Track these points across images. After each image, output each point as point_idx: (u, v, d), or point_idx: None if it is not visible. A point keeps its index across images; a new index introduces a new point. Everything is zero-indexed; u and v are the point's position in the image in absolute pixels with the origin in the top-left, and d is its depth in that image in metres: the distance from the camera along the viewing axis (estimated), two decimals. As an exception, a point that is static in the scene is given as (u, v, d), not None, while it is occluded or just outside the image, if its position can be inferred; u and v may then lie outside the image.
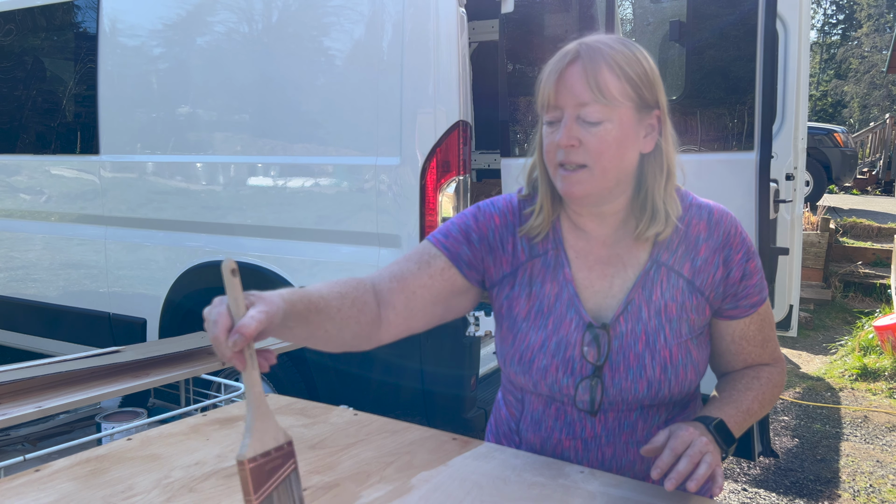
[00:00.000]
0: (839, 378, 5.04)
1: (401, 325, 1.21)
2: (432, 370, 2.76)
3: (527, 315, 1.23)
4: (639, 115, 1.15)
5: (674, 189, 1.20)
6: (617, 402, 1.20)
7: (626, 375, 1.18)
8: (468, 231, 1.26)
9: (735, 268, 1.20)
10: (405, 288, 1.21)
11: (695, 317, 1.20)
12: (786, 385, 4.87)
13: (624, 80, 1.12)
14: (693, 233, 1.21)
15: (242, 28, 3.14)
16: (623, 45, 1.15)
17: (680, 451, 1.05)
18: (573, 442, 1.23)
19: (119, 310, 3.57)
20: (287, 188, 3.05)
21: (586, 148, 1.12)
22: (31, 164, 3.87)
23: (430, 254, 1.25)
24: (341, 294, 1.11)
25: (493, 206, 1.29)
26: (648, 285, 1.20)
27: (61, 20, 3.71)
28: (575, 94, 1.12)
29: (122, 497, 1.10)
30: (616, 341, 1.18)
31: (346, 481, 1.15)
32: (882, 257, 7.73)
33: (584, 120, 1.12)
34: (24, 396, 1.94)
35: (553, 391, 1.22)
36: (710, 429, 1.11)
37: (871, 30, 34.14)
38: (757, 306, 1.24)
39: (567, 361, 1.19)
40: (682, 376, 1.19)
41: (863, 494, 3.35)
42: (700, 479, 1.02)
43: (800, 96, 4.06)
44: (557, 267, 1.23)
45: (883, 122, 15.41)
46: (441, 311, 1.25)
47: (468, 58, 2.74)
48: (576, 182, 1.14)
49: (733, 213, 1.26)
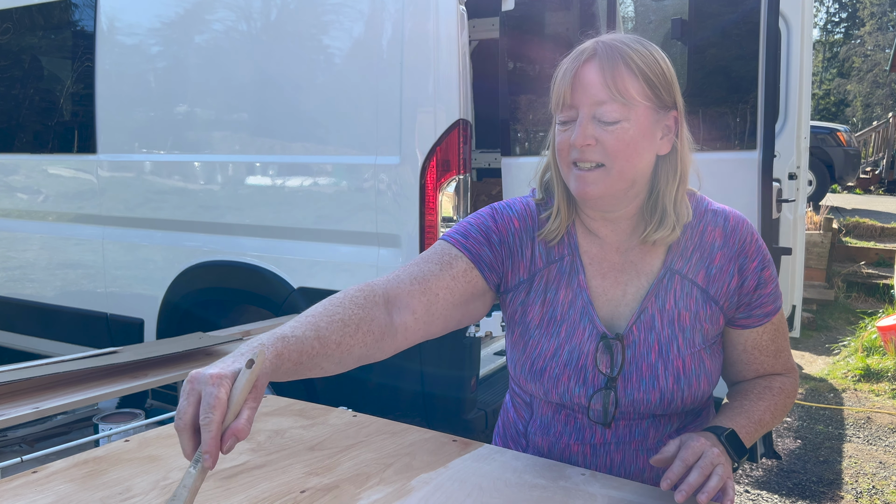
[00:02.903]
0: (842, 379, 5.02)
1: (419, 331, 1.16)
2: (432, 371, 2.75)
3: (540, 322, 1.21)
4: (656, 116, 1.13)
5: (685, 193, 1.18)
6: (628, 412, 1.18)
7: (638, 386, 1.16)
8: (489, 233, 1.22)
9: (750, 277, 1.18)
10: (427, 290, 1.15)
11: (708, 326, 1.19)
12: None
13: (642, 80, 1.10)
14: (708, 240, 1.19)
15: (241, 26, 3.13)
16: (641, 44, 1.13)
17: (691, 462, 1.03)
18: (582, 447, 1.22)
19: (117, 310, 3.56)
20: (286, 187, 3.03)
21: (603, 146, 1.10)
22: (28, 164, 3.86)
23: (450, 255, 1.20)
24: (343, 322, 1.05)
25: (511, 208, 1.25)
26: (662, 294, 1.18)
27: (59, 19, 3.70)
28: (592, 92, 1.10)
29: (120, 498, 1.09)
30: (629, 351, 1.17)
31: (345, 483, 1.14)
32: (885, 257, 7.71)
33: (601, 119, 1.10)
34: (21, 397, 1.93)
35: (564, 400, 1.20)
36: (721, 439, 1.10)
37: (874, 28, 34.14)
38: (771, 315, 1.21)
39: (579, 371, 1.18)
40: (696, 386, 1.17)
41: (865, 496, 3.33)
42: (711, 492, 0.99)
43: (802, 95, 4.05)
44: (572, 273, 1.21)
45: (886, 121, 15.38)
46: (459, 316, 1.20)
47: (468, 56, 2.72)
48: (591, 182, 1.12)
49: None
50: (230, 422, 0.87)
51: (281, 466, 1.20)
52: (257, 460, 1.23)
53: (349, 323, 1.05)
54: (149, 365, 2.21)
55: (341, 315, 1.05)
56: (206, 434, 0.85)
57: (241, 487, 1.12)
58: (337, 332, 1.03)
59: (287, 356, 0.96)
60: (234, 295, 3.25)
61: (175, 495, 0.85)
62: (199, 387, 0.87)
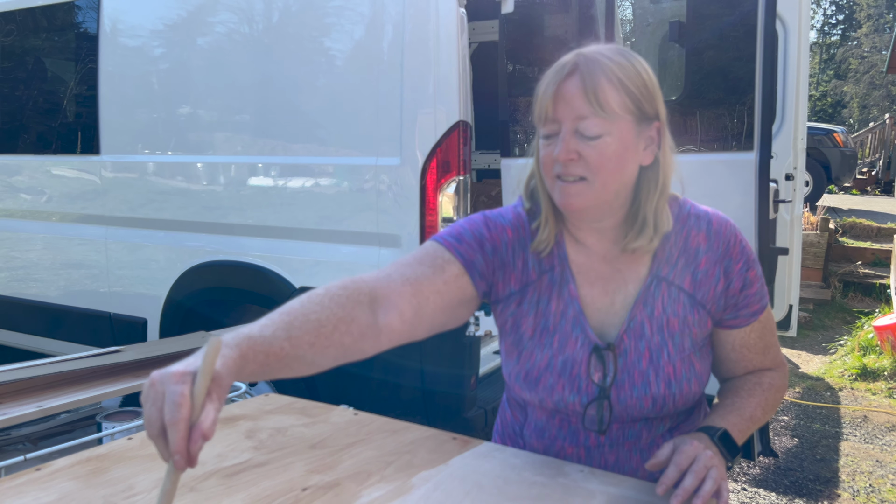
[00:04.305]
0: (839, 378, 5.04)
1: (404, 333, 1.13)
2: (432, 369, 2.76)
3: (533, 333, 1.21)
4: (639, 128, 1.13)
5: (666, 203, 1.17)
6: (622, 416, 1.20)
7: (630, 393, 1.17)
8: (482, 240, 1.21)
9: (735, 278, 1.19)
10: (418, 293, 1.13)
11: (697, 330, 1.19)
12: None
13: (624, 93, 1.10)
14: (692, 245, 1.19)
15: (243, 28, 3.15)
16: (622, 55, 1.13)
17: (685, 466, 1.04)
18: (577, 449, 1.23)
19: (120, 310, 3.57)
20: (287, 188, 3.05)
21: (586, 161, 1.10)
22: (32, 165, 3.86)
23: (443, 258, 1.18)
24: (318, 323, 1.00)
25: (503, 218, 1.24)
26: (650, 301, 1.18)
27: (62, 20, 3.71)
28: (574, 107, 1.10)
29: (123, 496, 1.09)
30: (621, 359, 1.17)
31: (346, 481, 1.15)
32: (881, 257, 7.73)
33: (583, 134, 1.10)
34: (25, 396, 1.94)
35: (559, 407, 1.21)
36: (714, 440, 1.11)
37: (870, 30, 34.10)
38: (757, 314, 1.22)
39: (573, 380, 1.18)
40: (686, 390, 1.18)
41: (862, 494, 3.35)
42: (706, 496, 1.01)
43: (799, 96, 4.06)
44: (563, 283, 1.21)
45: (882, 122, 15.39)
46: (444, 320, 1.18)
47: (468, 58, 2.74)
48: (574, 194, 1.12)
49: (733, 213, 1.26)
50: (195, 420, 0.84)
51: (282, 464, 1.21)
52: (259, 458, 1.23)
53: (325, 323, 1.01)
54: (152, 364, 2.22)
55: (318, 315, 1.01)
56: (174, 434, 0.82)
57: (242, 485, 1.13)
58: (311, 333, 0.99)
59: (252, 357, 0.93)
60: (236, 294, 3.26)
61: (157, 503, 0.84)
62: (163, 387, 0.84)
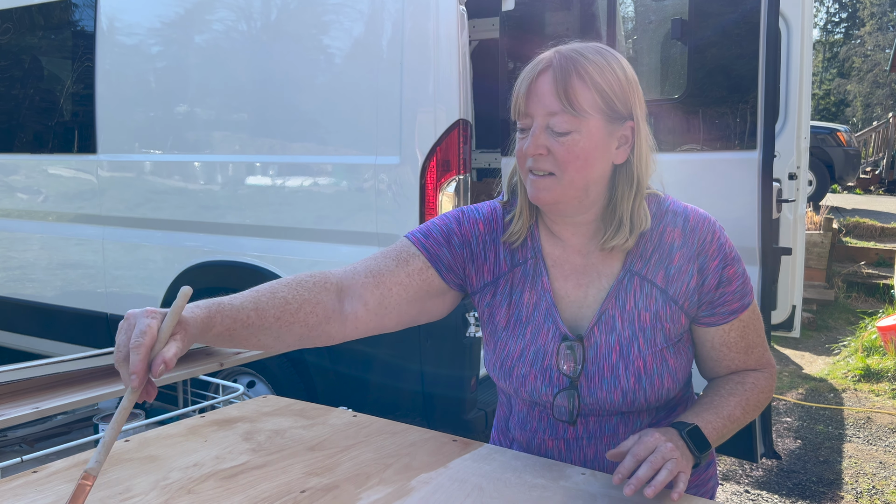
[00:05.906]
0: (842, 379, 5.02)
1: (371, 322, 1.20)
2: (432, 371, 2.74)
3: (506, 324, 1.25)
4: (610, 127, 1.14)
5: (643, 202, 1.19)
6: (595, 409, 1.21)
7: (600, 386, 1.18)
8: (450, 234, 1.26)
9: (710, 275, 1.19)
10: (380, 284, 1.20)
11: (670, 325, 1.20)
12: (789, 386, 4.86)
13: (594, 91, 1.12)
14: (667, 241, 1.20)
15: (241, 26, 3.13)
16: (599, 54, 1.15)
17: (642, 456, 1.05)
18: (556, 442, 1.25)
19: (117, 310, 3.56)
20: (286, 187, 3.03)
21: (554, 157, 1.13)
22: (28, 164, 3.86)
23: (408, 252, 1.24)
24: (284, 300, 1.11)
25: (478, 211, 1.29)
26: (622, 295, 1.20)
27: (59, 19, 3.70)
28: (545, 103, 1.13)
29: (120, 498, 1.09)
30: (591, 352, 1.19)
31: (345, 483, 1.14)
32: (885, 257, 7.71)
33: (553, 129, 1.12)
34: (21, 397, 1.93)
35: (533, 398, 1.23)
36: (682, 434, 1.11)
37: (874, 28, 34.11)
38: (738, 313, 1.22)
39: (545, 371, 1.20)
40: (658, 385, 1.19)
41: (865, 496, 3.33)
42: (658, 486, 1.01)
43: (802, 95, 4.05)
44: (536, 276, 1.24)
45: (886, 121, 15.37)
46: (415, 312, 1.25)
47: (468, 56, 2.72)
48: (543, 188, 1.15)
49: (736, 212, 1.24)
50: (159, 350, 0.93)
51: (281, 466, 1.20)
52: (257, 460, 1.23)
53: (291, 301, 1.11)
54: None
55: (284, 294, 1.12)
56: (135, 356, 0.92)
57: (240, 487, 1.12)
58: (277, 308, 1.10)
59: (219, 321, 1.03)
60: (234, 295, 3.25)
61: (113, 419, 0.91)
62: (135, 320, 0.95)
